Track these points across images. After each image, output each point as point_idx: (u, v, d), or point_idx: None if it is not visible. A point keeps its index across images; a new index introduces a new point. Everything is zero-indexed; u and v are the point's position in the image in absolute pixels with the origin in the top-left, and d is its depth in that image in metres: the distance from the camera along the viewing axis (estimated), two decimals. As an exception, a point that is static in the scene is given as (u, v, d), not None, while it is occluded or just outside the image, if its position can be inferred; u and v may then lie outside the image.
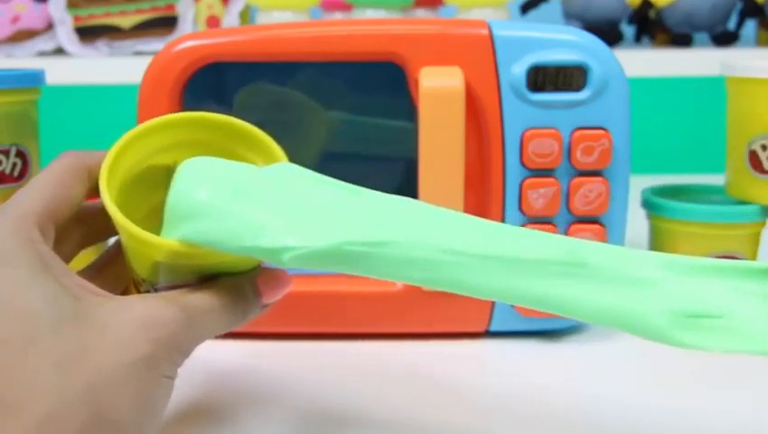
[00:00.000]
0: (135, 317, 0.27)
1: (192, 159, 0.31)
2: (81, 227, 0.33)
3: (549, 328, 0.45)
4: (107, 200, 0.29)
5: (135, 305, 0.27)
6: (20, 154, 0.48)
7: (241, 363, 0.42)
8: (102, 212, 0.30)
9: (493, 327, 0.45)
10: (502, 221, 0.42)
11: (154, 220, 0.32)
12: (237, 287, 0.30)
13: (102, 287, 0.29)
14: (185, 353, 0.28)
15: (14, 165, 0.48)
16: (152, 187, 0.33)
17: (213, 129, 0.33)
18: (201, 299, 0.29)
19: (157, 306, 0.27)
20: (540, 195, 0.42)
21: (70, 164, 0.31)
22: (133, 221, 0.29)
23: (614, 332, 0.47)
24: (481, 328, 0.45)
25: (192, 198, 0.29)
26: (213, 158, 0.31)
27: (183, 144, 0.33)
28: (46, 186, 0.30)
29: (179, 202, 0.29)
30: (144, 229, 0.29)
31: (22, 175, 0.48)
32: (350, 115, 0.45)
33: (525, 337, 0.45)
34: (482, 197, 0.43)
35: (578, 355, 0.44)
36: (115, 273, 0.34)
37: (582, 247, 0.27)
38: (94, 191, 0.31)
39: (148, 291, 0.32)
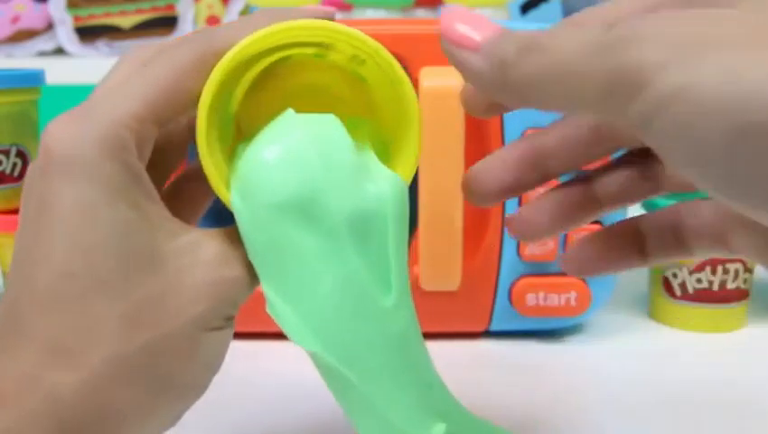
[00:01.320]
0: (205, 269, 0.25)
1: (308, 116, 0.26)
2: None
3: (549, 328, 0.45)
4: (203, 142, 0.25)
5: (207, 248, 0.25)
6: (20, 154, 0.48)
7: (241, 362, 0.42)
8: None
9: (493, 327, 0.45)
10: (502, 220, 0.43)
11: (294, 101, 0.27)
12: None
13: (182, 208, 0.28)
14: (238, 307, 0.26)
15: (15, 164, 0.48)
16: (295, 71, 0.28)
17: (380, 69, 0.29)
18: None
19: (228, 261, 0.25)
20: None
21: (196, 51, 0.25)
22: (262, 101, 0.26)
23: (614, 332, 0.47)
24: (481, 328, 0.45)
25: (274, 180, 0.25)
26: (332, 127, 0.26)
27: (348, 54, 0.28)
28: (161, 79, 0.24)
29: (257, 169, 0.25)
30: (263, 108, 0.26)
31: (22, 175, 0.48)
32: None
33: (525, 337, 0.45)
34: (482, 197, 0.43)
35: (578, 355, 0.44)
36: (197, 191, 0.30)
37: None
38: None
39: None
